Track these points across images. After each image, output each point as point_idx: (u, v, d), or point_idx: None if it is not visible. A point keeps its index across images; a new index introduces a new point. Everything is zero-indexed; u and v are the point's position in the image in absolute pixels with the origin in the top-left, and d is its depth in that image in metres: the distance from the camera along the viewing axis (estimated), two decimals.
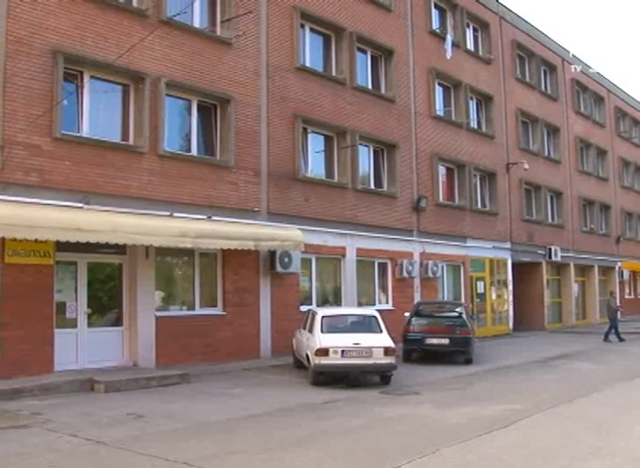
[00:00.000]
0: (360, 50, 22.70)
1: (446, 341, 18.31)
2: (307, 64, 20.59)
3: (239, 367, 16.38)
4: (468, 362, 18.33)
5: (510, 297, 30.06)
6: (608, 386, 14.17)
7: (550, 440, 9.07)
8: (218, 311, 17.33)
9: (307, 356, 14.41)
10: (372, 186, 22.98)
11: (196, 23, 17.41)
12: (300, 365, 15.84)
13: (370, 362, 13.92)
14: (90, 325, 14.74)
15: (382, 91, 23.51)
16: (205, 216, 16.51)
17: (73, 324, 14.41)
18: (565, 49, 36.81)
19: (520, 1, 47.32)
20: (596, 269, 38.64)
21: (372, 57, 23.49)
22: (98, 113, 15.16)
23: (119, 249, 14.99)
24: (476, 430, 9.51)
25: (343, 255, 21.21)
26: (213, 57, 17.33)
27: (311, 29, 21.16)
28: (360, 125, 21.97)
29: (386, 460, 7.92)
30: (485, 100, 29.42)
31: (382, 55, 23.68)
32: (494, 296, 29.10)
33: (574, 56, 37.00)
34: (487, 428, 9.66)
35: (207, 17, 17.98)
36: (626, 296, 40.67)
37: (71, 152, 14.09)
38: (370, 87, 23.07)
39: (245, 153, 17.97)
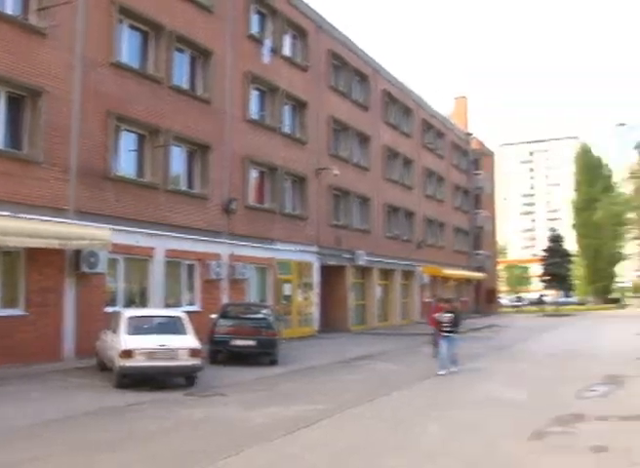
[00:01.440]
0: (179, 49, 23.26)
1: (252, 343, 19.08)
2: (124, 61, 20.84)
3: (41, 369, 16.33)
4: (274, 363, 19.20)
5: (316, 300, 31.71)
6: (407, 386, 15.40)
7: (352, 438, 9.92)
8: (19, 312, 17.21)
9: (112, 358, 14.58)
10: (184, 187, 23.58)
11: (9, 10, 17.20)
12: (104, 367, 15.91)
13: (175, 363, 14.33)
14: None
15: (199, 92, 24.16)
16: (9, 213, 16.36)
17: None
18: (377, 61, 39.28)
19: (336, 13, 49.85)
20: (398, 273, 41.54)
21: (190, 57, 24.11)
22: None
23: None
24: (280, 430, 10.16)
25: (152, 256, 21.64)
26: (26, 46, 17.22)
27: (130, 25, 21.45)
28: (175, 125, 22.49)
29: (191, 462, 8.40)
30: (299, 106, 30.86)
31: (201, 55, 24.33)
32: (300, 299, 30.60)
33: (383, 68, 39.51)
34: (291, 428, 10.32)
35: (21, 4, 17.78)
36: (426, 300, 43.74)
37: None
38: (187, 87, 23.67)
39: (55, 149, 18.00)
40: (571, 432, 10.18)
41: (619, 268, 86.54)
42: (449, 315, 17.81)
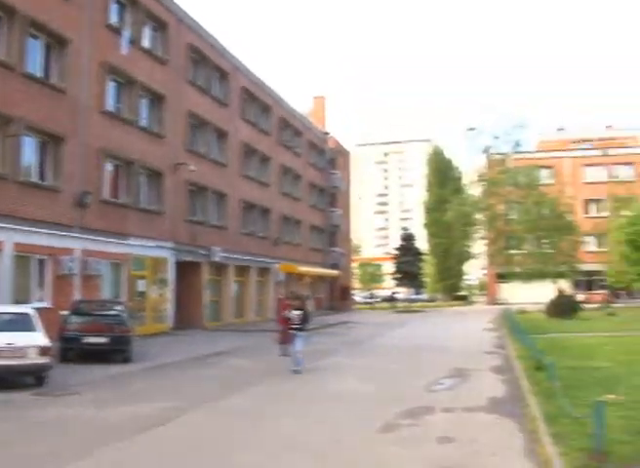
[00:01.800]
0: (33, 35, 22.70)
1: (105, 340, 18.92)
2: None
3: None
4: (127, 360, 19.13)
5: (171, 296, 31.71)
6: (261, 382, 15.82)
7: (207, 435, 10.03)
8: None
9: None
10: (35, 179, 23.01)
11: None
12: None
13: (24, 362, 14.00)
14: None
15: (54, 80, 23.67)
16: None
17: None
18: (237, 58, 39.66)
19: (198, 7, 49.72)
20: (254, 270, 42.11)
21: (45, 44, 23.56)
22: None
23: None
24: (135, 428, 10.24)
25: (0, 250, 21.01)
26: None
27: None
28: (27, 114, 21.95)
29: (38, 467, 8.32)
30: (157, 100, 30.77)
31: (57, 43, 23.86)
32: (154, 295, 30.52)
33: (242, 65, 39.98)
34: (146, 426, 10.39)
35: None
36: (280, 297, 44.24)
37: None
38: (41, 75, 23.13)
39: None
40: (419, 424, 10.89)
41: (466, 267, 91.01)
42: (298, 312, 17.83)
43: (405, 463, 8.58)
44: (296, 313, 17.81)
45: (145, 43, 29.66)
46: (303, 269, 49.23)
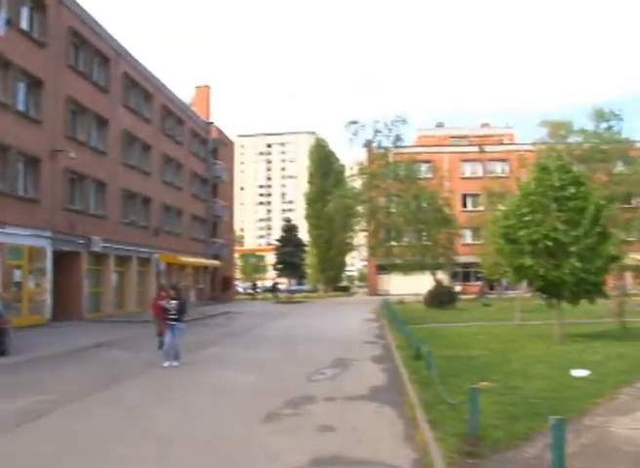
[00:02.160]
0: None
1: None
2: None
3: None
4: (3, 353, 18.51)
5: (49, 287, 30.82)
6: (141, 374, 15.63)
7: (84, 429, 9.85)
8: None
9: None
10: None
11: None
12: None
13: None
14: None
15: None
16: None
17: None
18: (120, 43, 38.78)
19: None
20: (135, 260, 41.46)
21: None
22: None
23: None
24: (9, 423, 9.90)
25: None
26: None
27: None
28: None
29: None
30: (35, 84, 29.72)
31: None
32: (31, 285, 29.61)
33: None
34: (18, 422, 10.04)
35: None
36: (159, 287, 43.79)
37: None
38: None
39: None
40: (301, 414, 10.99)
41: (348, 258, 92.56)
42: (175, 302, 17.11)
43: (287, 453, 8.60)
44: (173, 303, 17.07)
45: (23, 24, 28.54)
46: (184, 259, 48.85)
